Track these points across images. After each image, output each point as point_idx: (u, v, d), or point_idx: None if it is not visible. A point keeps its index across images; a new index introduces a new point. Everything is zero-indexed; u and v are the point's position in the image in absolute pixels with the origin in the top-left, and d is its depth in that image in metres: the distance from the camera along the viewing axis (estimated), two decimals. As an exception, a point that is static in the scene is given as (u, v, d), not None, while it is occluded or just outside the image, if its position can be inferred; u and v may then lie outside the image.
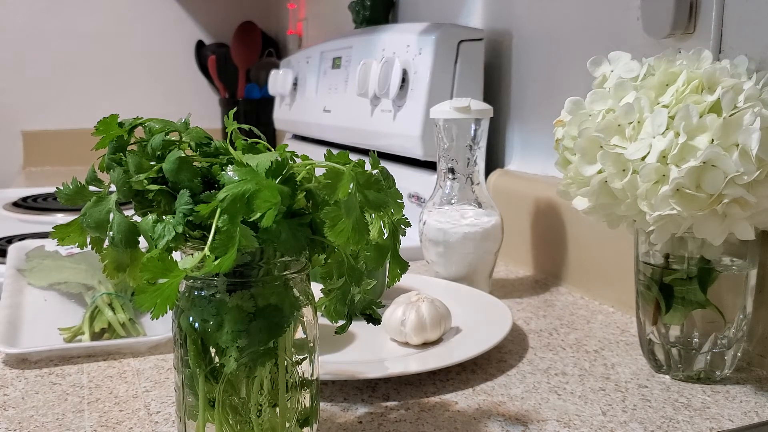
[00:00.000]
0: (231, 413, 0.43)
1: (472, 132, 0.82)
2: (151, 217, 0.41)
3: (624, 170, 0.55)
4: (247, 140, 0.46)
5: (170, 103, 2.19)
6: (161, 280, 0.38)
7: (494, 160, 1.08)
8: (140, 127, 0.45)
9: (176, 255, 0.41)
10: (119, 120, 0.45)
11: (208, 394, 0.43)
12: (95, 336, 0.69)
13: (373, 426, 0.53)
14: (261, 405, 0.43)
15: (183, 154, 0.41)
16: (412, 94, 1.06)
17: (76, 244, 0.45)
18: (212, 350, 0.43)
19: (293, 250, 0.41)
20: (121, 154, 0.44)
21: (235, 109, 0.52)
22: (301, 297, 0.44)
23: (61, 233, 0.45)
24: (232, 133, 0.46)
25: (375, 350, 0.67)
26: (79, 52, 2.12)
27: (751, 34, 0.63)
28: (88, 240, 0.45)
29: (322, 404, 0.56)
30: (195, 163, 0.42)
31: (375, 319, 0.48)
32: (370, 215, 0.45)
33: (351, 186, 0.41)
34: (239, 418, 0.43)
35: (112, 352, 0.66)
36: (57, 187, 0.46)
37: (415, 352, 0.65)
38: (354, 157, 0.44)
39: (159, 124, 0.44)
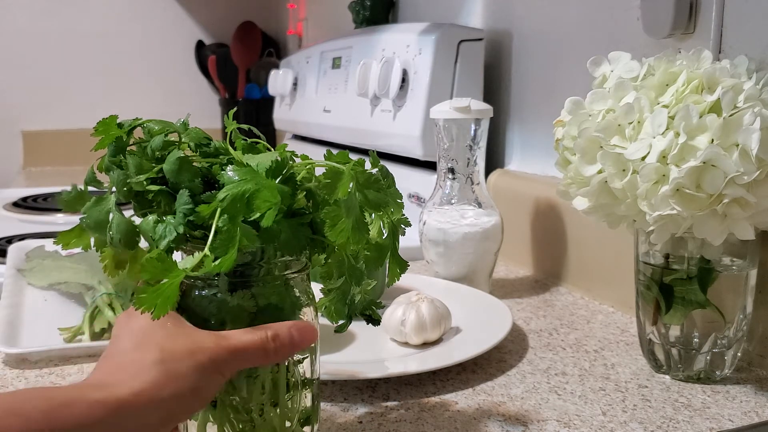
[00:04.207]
0: (232, 413, 0.43)
1: (472, 132, 0.82)
2: (151, 217, 0.41)
3: (624, 170, 0.55)
4: (246, 140, 0.46)
5: (170, 103, 2.19)
6: (162, 281, 0.38)
7: (494, 160, 1.08)
8: (140, 128, 0.45)
9: (177, 255, 0.41)
10: (118, 121, 0.45)
11: None
12: (95, 336, 0.69)
13: (373, 426, 0.53)
14: (262, 405, 0.43)
15: (183, 155, 0.41)
16: (412, 94, 1.06)
17: (80, 247, 0.45)
18: None
19: (293, 249, 0.41)
20: (121, 155, 0.44)
21: (235, 109, 0.52)
22: (301, 296, 0.44)
23: (64, 239, 0.45)
24: (231, 133, 0.46)
25: (375, 350, 0.67)
26: (79, 52, 2.12)
27: (751, 34, 0.63)
28: (92, 243, 0.45)
29: (322, 404, 0.56)
30: (195, 164, 0.42)
31: (375, 320, 0.48)
32: (370, 215, 0.45)
33: (351, 185, 0.41)
34: (240, 417, 0.43)
35: (112, 352, 0.66)
36: (57, 193, 0.46)
37: (415, 352, 0.65)
38: (354, 157, 0.44)
39: (158, 125, 0.44)
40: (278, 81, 1.67)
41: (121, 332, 0.40)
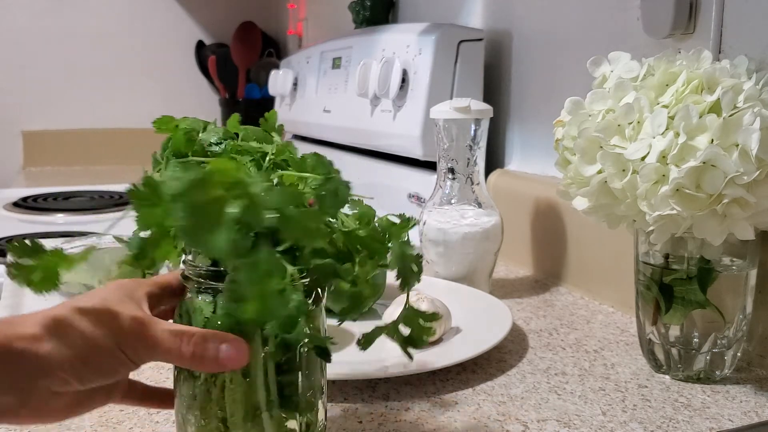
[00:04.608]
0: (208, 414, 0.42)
1: (472, 132, 0.82)
2: None
3: (624, 170, 0.55)
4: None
5: (170, 103, 2.19)
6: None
7: (494, 160, 1.08)
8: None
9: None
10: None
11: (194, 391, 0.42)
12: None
13: (373, 426, 0.53)
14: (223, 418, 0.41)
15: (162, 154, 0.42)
16: (412, 94, 1.06)
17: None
18: None
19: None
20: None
21: (275, 111, 0.51)
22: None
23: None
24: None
25: (375, 350, 0.66)
26: (79, 53, 2.12)
27: (751, 34, 0.63)
28: None
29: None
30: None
31: (326, 354, 0.43)
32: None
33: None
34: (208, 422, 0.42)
35: (113, 352, 0.66)
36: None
37: (415, 352, 0.65)
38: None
39: (193, 124, 0.45)
40: (278, 81, 1.67)
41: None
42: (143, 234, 0.38)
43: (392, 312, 0.67)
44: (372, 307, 0.76)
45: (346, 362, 0.62)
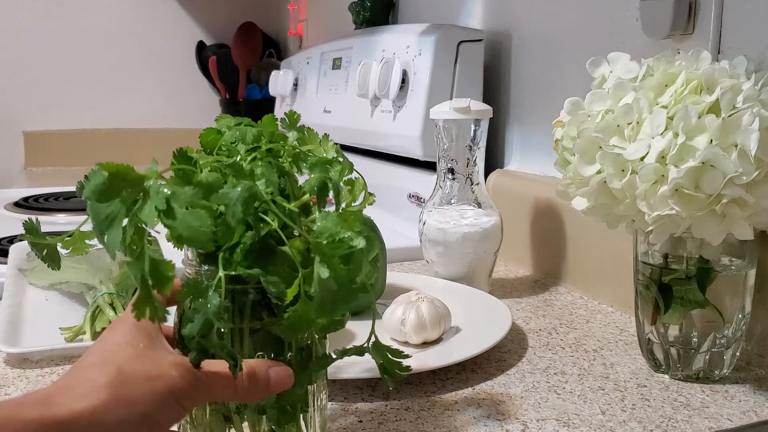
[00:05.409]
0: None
1: (472, 132, 0.82)
2: None
3: (623, 170, 0.55)
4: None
5: (171, 103, 2.19)
6: None
7: (494, 160, 1.08)
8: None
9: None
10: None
11: None
12: (97, 336, 0.69)
13: (373, 426, 0.53)
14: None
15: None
16: (412, 94, 1.07)
17: None
18: None
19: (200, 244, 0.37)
20: None
21: (293, 111, 0.51)
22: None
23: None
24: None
25: (375, 350, 0.67)
26: (80, 53, 2.12)
27: (750, 34, 0.63)
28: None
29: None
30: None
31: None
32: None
33: None
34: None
35: (113, 352, 0.66)
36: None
37: (415, 352, 0.65)
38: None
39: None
40: (279, 81, 1.67)
41: (96, 344, 0.39)
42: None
43: (392, 311, 0.67)
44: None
45: (347, 362, 0.62)
